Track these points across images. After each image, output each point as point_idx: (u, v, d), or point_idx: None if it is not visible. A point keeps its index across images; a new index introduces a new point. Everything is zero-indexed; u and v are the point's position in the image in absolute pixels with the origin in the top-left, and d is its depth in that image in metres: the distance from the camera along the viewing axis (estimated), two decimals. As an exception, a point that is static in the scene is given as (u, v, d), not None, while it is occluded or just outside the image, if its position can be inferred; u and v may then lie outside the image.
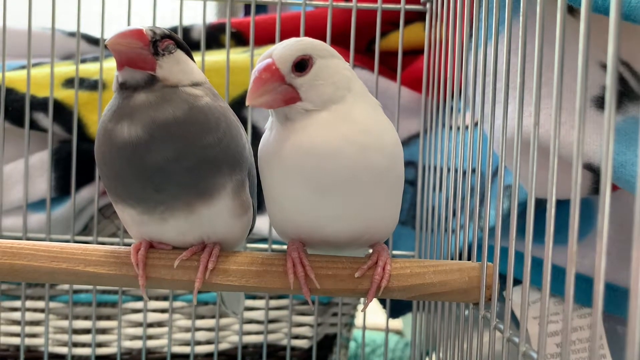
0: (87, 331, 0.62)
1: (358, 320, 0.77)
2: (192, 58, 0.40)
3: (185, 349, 0.63)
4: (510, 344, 0.34)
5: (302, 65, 0.35)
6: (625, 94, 0.42)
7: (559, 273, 0.41)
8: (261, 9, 0.85)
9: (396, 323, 1.01)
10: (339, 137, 0.35)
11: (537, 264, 0.45)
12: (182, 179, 0.36)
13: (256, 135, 0.60)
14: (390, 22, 0.68)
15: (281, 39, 0.58)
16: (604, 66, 0.42)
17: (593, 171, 0.41)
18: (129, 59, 0.35)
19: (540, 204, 0.36)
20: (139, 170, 0.36)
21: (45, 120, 0.60)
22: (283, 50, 0.35)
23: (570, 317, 0.27)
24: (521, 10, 0.32)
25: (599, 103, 0.42)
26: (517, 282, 0.46)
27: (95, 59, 0.68)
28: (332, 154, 0.34)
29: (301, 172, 0.35)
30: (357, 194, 0.36)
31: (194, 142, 0.36)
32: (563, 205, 0.38)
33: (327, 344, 0.68)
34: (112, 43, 0.35)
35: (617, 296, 0.46)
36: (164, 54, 0.37)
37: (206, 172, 0.36)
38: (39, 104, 0.60)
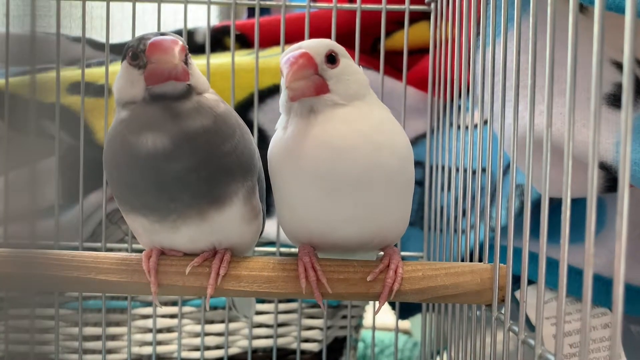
0: (97, 337, 0.62)
1: (366, 321, 0.77)
2: None
3: (195, 354, 0.63)
4: (524, 346, 0.34)
5: (332, 58, 0.37)
6: (637, 91, 0.41)
7: (571, 272, 0.41)
8: (264, 11, 0.85)
9: (404, 323, 1.01)
10: (356, 133, 0.35)
11: (549, 263, 0.45)
12: (198, 188, 0.36)
13: (262, 138, 0.60)
14: (395, 22, 0.68)
15: (286, 40, 0.58)
16: (615, 63, 0.42)
17: (606, 169, 0.41)
18: (177, 73, 0.34)
19: (552, 203, 0.35)
20: (156, 181, 0.35)
21: (52, 126, 0.60)
22: (314, 43, 0.37)
23: (588, 319, 0.26)
24: (531, 8, 0.32)
25: (611, 101, 0.41)
26: (530, 282, 0.46)
27: (100, 64, 0.68)
28: (347, 149, 0.35)
29: (315, 165, 0.35)
30: (368, 195, 0.36)
31: (214, 150, 0.35)
32: (576, 204, 0.38)
33: (336, 346, 0.68)
34: (164, 61, 0.33)
35: (631, 295, 0.45)
36: (190, 62, 0.36)
37: (221, 179, 0.36)
38: (45, 111, 0.60)
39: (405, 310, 0.69)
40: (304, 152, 0.35)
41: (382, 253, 0.41)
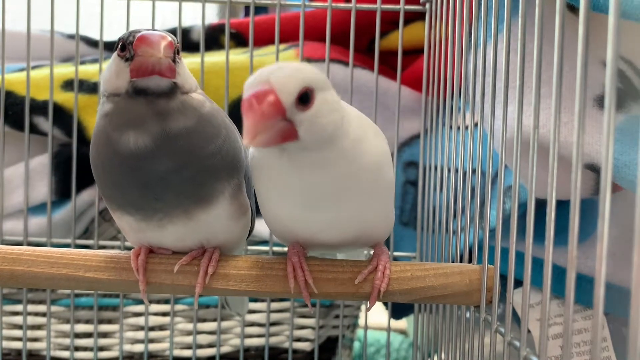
0: (88, 335, 0.62)
1: (362, 321, 0.77)
2: None
3: (187, 352, 0.63)
4: (511, 348, 0.34)
5: (306, 97, 0.31)
6: (628, 93, 0.41)
7: (562, 274, 0.41)
8: (261, 9, 0.85)
9: (401, 323, 1.01)
10: (329, 174, 0.33)
11: (540, 265, 0.45)
12: (182, 188, 0.35)
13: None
14: (391, 22, 0.68)
15: (281, 39, 0.58)
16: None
17: (596, 171, 0.40)
18: (161, 68, 0.34)
19: (543, 205, 0.35)
20: (139, 180, 0.35)
21: (45, 124, 0.60)
22: (285, 79, 0.30)
23: (571, 321, 0.26)
24: (520, 9, 0.32)
25: (602, 102, 0.41)
26: (520, 283, 0.46)
27: (94, 61, 0.68)
28: (318, 185, 0.34)
29: (291, 191, 0.35)
30: (347, 206, 0.36)
31: (197, 152, 0.35)
32: (566, 206, 0.38)
33: (329, 346, 0.68)
34: (149, 54, 0.33)
35: (622, 297, 0.45)
36: (178, 61, 0.36)
37: (205, 180, 0.36)
38: (39, 108, 0.60)
39: (399, 310, 0.69)
40: (277, 177, 0.34)
41: (372, 251, 0.41)
